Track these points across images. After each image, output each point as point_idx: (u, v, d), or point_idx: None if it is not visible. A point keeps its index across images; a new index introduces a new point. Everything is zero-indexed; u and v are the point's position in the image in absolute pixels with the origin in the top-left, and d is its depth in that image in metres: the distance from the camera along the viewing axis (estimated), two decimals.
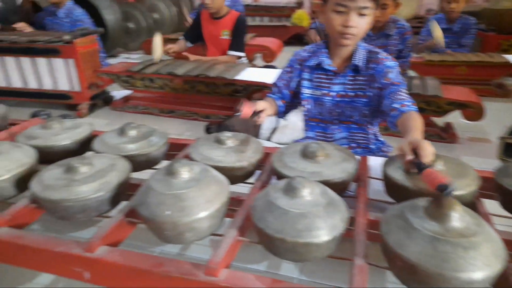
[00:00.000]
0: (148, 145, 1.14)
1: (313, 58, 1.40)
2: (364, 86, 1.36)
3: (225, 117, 2.37)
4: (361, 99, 1.38)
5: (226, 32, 2.57)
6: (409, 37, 2.32)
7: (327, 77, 1.40)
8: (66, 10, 2.83)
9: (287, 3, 5.42)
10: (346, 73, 1.36)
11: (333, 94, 1.40)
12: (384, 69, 1.30)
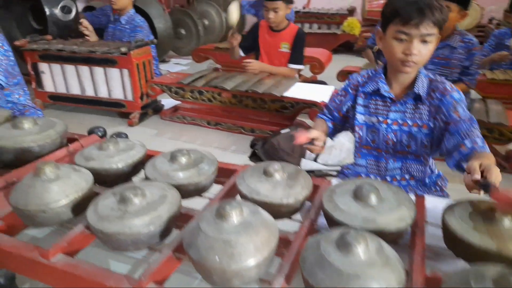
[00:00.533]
0: (198, 174, 1.14)
1: (370, 84, 1.35)
2: (425, 116, 1.29)
3: (270, 132, 2.36)
4: (421, 130, 1.31)
5: (286, 45, 2.59)
6: (477, 53, 2.20)
7: (384, 104, 1.34)
8: (128, 18, 2.96)
9: (338, 10, 5.31)
10: (406, 101, 1.30)
11: (390, 122, 1.34)
12: (452, 102, 1.21)
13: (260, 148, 2.12)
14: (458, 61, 2.22)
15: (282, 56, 2.63)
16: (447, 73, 2.26)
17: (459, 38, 2.19)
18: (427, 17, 1.13)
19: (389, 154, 1.38)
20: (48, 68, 2.73)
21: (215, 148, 2.29)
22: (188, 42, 4.69)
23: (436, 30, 1.16)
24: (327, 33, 5.05)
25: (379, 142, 1.38)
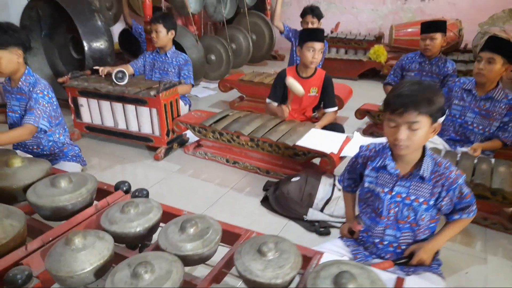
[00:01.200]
0: (203, 246, 1.31)
1: (378, 159, 1.51)
2: (427, 195, 1.43)
3: (283, 175, 2.50)
4: (422, 205, 1.44)
5: (315, 89, 2.77)
6: None
7: (391, 178, 1.49)
8: (172, 53, 3.30)
9: (366, 36, 5.35)
10: (411, 179, 1.44)
11: (394, 193, 1.48)
12: (457, 189, 1.41)
13: (272, 194, 2.27)
14: (498, 114, 2.32)
15: (311, 100, 2.81)
16: (486, 124, 2.36)
17: (503, 94, 2.30)
18: (410, 108, 1.27)
19: (390, 220, 1.51)
20: (86, 102, 3.01)
21: (231, 189, 2.46)
22: (218, 66, 4.90)
23: (424, 118, 1.29)
24: (353, 59, 5.11)
25: (382, 210, 1.51)
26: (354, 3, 6.23)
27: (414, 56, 3.14)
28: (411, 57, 3.16)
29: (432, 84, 1.41)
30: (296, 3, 6.65)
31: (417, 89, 1.32)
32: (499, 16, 5.35)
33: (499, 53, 2.18)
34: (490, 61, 2.19)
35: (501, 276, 1.75)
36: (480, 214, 2.07)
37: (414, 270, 1.51)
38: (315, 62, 2.59)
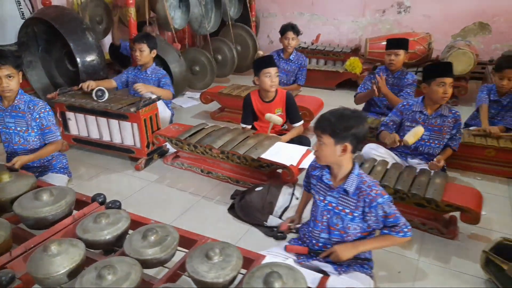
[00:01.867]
0: (161, 251, 1.56)
1: (318, 171, 1.82)
2: (352, 207, 1.70)
3: (251, 184, 2.75)
4: (347, 215, 1.71)
5: (279, 110, 3.06)
6: (461, 123, 2.64)
7: (325, 188, 1.77)
8: (152, 70, 3.57)
9: (343, 48, 5.62)
10: (339, 191, 1.72)
11: (327, 202, 1.76)
12: (377, 207, 1.65)
13: (237, 203, 2.52)
14: (448, 128, 2.62)
15: None
16: (440, 138, 2.66)
17: (447, 109, 2.60)
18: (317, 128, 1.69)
19: (324, 225, 1.79)
20: (74, 116, 3.26)
21: (203, 197, 2.71)
22: (203, 77, 5.16)
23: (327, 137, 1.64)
24: (331, 70, 5.38)
25: (317, 215, 1.79)
26: (336, 14, 6.49)
27: (379, 70, 3.41)
28: (377, 71, 3.43)
29: (350, 115, 1.62)
30: (281, 14, 6.90)
31: (329, 114, 1.64)
32: (470, 29, 5.63)
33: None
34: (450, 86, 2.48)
35: (429, 275, 2.00)
36: (419, 220, 2.35)
37: (345, 270, 1.76)
38: (274, 85, 2.85)
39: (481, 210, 2.14)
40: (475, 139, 2.94)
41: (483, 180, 2.90)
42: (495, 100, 3.15)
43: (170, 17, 4.45)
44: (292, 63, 4.09)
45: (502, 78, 3.02)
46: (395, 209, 1.66)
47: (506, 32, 5.46)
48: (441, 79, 2.45)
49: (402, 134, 2.69)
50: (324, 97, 4.82)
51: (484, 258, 1.90)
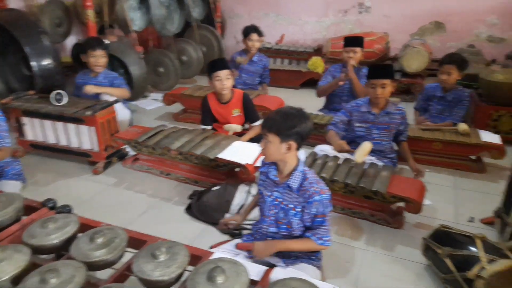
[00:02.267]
0: (108, 253, 1.58)
1: (265, 168, 1.88)
2: (295, 203, 1.77)
3: (210, 184, 2.79)
4: (291, 210, 1.78)
5: (237, 110, 3.09)
6: (407, 118, 2.81)
7: (272, 184, 1.84)
8: (104, 74, 3.48)
9: (306, 48, 5.74)
10: (284, 187, 1.79)
11: (273, 197, 1.83)
12: (313, 203, 1.72)
13: (194, 203, 2.56)
14: (396, 124, 2.74)
15: (237, 119, 3.14)
16: (389, 135, 2.77)
17: (393, 106, 2.71)
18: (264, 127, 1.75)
19: (271, 220, 1.86)
20: (29, 121, 3.20)
21: (161, 199, 2.73)
22: (167, 78, 5.16)
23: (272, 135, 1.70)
24: (294, 70, 5.49)
25: (265, 210, 1.86)
26: (300, 15, 6.61)
27: (338, 67, 3.55)
28: (336, 67, 3.56)
29: (295, 113, 1.69)
30: (247, 15, 6.96)
31: (275, 114, 1.70)
32: (427, 28, 5.87)
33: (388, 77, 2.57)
34: (383, 87, 2.57)
35: (375, 264, 2.11)
36: (368, 211, 2.46)
37: (293, 262, 1.84)
38: (225, 88, 2.89)
39: (422, 200, 2.26)
40: (424, 133, 3.09)
41: (431, 171, 3.05)
42: (441, 96, 3.31)
43: (129, 18, 4.43)
44: (256, 64, 4.16)
45: (442, 73, 3.17)
46: (328, 212, 1.74)
47: (460, 30, 5.71)
48: (371, 81, 2.59)
49: (352, 134, 2.80)
50: (288, 96, 4.94)
51: (424, 244, 2.02)
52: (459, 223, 2.43)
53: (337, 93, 3.57)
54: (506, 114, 3.45)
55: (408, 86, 4.72)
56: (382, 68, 2.67)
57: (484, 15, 5.52)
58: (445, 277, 1.83)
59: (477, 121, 3.53)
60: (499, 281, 1.62)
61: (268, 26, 6.79)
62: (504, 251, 1.74)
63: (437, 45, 5.83)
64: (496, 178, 2.93)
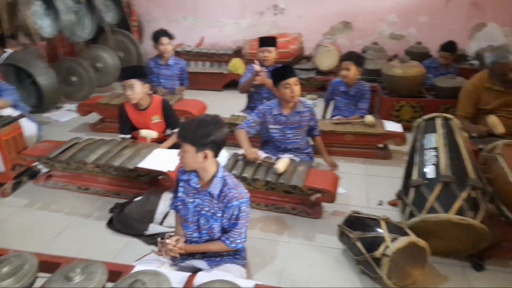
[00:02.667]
0: (16, 282, 1.47)
1: (186, 175, 1.87)
2: (216, 208, 1.80)
3: (133, 194, 2.71)
4: (213, 217, 1.81)
5: (157, 117, 3.02)
6: (315, 113, 2.96)
7: (194, 190, 1.84)
8: None
9: (226, 50, 5.81)
10: (205, 194, 1.81)
11: (196, 204, 1.83)
12: (231, 208, 1.76)
13: (116, 216, 2.47)
14: (306, 122, 2.87)
15: (157, 126, 3.07)
16: (302, 133, 2.88)
17: (301, 105, 2.83)
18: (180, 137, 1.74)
19: (195, 226, 1.87)
20: None
21: (80, 216, 2.60)
22: (81, 87, 4.89)
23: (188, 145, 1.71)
24: (216, 72, 5.53)
25: (188, 217, 1.87)
26: (218, 17, 6.65)
27: (252, 67, 3.64)
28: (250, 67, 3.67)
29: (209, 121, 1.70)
30: (165, 18, 6.83)
31: (189, 123, 1.71)
32: (337, 27, 6.27)
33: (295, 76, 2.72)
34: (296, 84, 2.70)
35: (298, 255, 2.23)
36: (290, 205, 2.58)
37: (217, 263, 1.87)
38: (132, 97, 2.83)
39: (336, 190, 2.44)
40: (336, 127, 3.32)
41: (345, 162, 3.29)
42: (344, 91, 3.57)
43: (36, 26, 4.11)
44: (172, 67, 4.11)
45: (342, 69, 3.44)
46: (245, 216, 1.79)
47: (365, 29, 6.19)
48: (285, 81, 2.66)
49: (267, 135, 2.92)
50: (211, 99, 4.96)
51: (339, 231, 2.18)
52: (370, 207, 2.66)
53: (257, 91, 3.69)
54: (406, 104, 3.84)
55: (323, 83, 5.01)
56: (288, 68, 2.79)
57: (385, 14, 6.05)
58: (358, 258, 2.00)
59: (382, 112, 3.88)
60: (402, 256, 1.81)
61: (187, 29, 6.74)
62: (405, 229, 1.94)
63: (346, 43, 6.25)
64: (400, 163, 3.23)
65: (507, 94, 2.89)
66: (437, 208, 1.96)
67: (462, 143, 2.31)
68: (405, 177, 2.34)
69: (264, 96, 3.65)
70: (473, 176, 2.08)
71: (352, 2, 6.10)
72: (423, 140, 2.38)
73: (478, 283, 1.98)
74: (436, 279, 1.99)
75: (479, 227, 1.89)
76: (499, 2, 5.62)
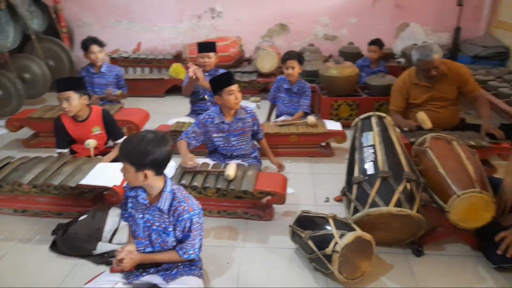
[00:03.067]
0: None
1: (133, 191, 1.82)
2: (167, 223, 1.78)
3: (76, 213, 2.58)
4: (164, 231, 1.80)
5: (97, 128, 2.91)
6: (258, 118, 2.99)
7: (143, 206, 1.81)
8: None
9: (166, 55, 5.70)
10: (154, 209, 1.78)
11: (145, 219, 1.80)
12: (183, 221, 1.75)
13: (60, 238, 2.34)
14: (249, 127, 2.90)
15: (98, 138, 2.94)
16: (246, 139, 2.91)
17: (244, 111, 2.85)
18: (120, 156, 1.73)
19: (146, 241, 1.84)
20: None
21: (19, 241, 2.42)
22: (8, 101, 4.54)
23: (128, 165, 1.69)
24: (156, 78, 5.41)
25: (139, 232, 1.83)
26: (154, 21, 6.49)
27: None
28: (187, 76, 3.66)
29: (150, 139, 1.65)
30: (97, 23, 6.52)
31: (129, 141, 1.68)
32: (274, 30, 6.42)
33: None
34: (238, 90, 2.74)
35: (253, 258, 2.27)
36: (242, 210, 2.62)
37: (173, 276, 1.85)
38: (68, 110, 2.72)
39: (285, 191, 2.52)
40: (280, 129, 3.42)
41: (291, 162, 3.40)
42: (288, 88, 3.74)
43: None
44: (106, 75, 3.96)
45: (287, 68, 3.61)
46: (198, 227, 1.80)
47: (302, 31, 6.41)
48: (229, 88, 2.67)
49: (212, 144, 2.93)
50: (154, 106, 4.86)
51: (290, 231, 2.26)
52: (318, 204, 2.79)
53: (199, 92, 3.72)
54: (343, 103, 4.05)
55: (265, 85, 5.11)
56: (230, 74, 2.80)
57: (318, 16, 6.31)
58: (310, 257, 2.08)
59: (323, 112, 4.07)
60: (350, 251, 1.92)
61: (122, 34, 6.51)
62: (351, 224, 2.07)
63: (284, 45, 6.43)
64: (342, 160, 3.42)
65: (433, 89, 3.18)
66: (378, 202, 2.11)
67: (396, 139, 2.51)
68: (348, 174, 2.48)
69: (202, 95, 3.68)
70: (407, 170, 2.26)
71: (287, 4, 6.28)
72: (361, 139, 2.54)
73: (419, 268, 2.16)
74: (382, 268, 2.14)
75: (416, 217, 2.07)
76: (419, 3, 6.13)
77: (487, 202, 2.00)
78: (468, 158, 2.28)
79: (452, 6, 5.59)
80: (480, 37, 5.86)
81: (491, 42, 5.57)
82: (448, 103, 3.21)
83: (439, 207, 2.19)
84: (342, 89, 4.05)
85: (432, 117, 3.11)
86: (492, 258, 2.10)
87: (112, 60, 5.51)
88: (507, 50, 5.36)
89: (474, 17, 6.10)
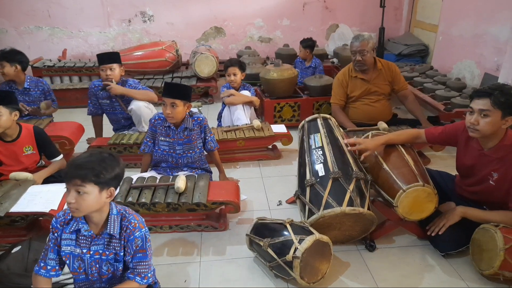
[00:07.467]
0: None
1: (72, 224, 1.62)
2: (117, 248, 1.63)
3: (8, 245, 2.30)
4: (117, 258, 1.64)
5: (29, 148, 2.64)
6: (206, 125, 2.83)
7: (86, 239, 1.62)
8: None
9: (95, 62, 5.33)
10: (103, 238, 1.61)
11: (92, 253, 1.63)
12: (134, 240, 1.61)
13: None
14: (197, 135, 2.78)
15: (29, 158, 2.67)
16: (193, 147, 2.77)
17: (190, 119, 2.73)
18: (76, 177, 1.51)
19: (94, 278, 1.68)
20: None
21: None
22: None
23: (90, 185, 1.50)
24: (87, 87, 4.99)
25: (86, 268, 1.65)
26: (80, 26, 6.09)
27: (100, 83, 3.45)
28: (97, 84, 3.48)
29: (109, 157, 1.55)
30: (14, 30, 5.95)
31: (88, 160, 1.51)
32: (209, 33, 6.35)
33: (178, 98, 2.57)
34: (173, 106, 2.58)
35: (211, 272, 2.20)
36: (195, 222, 2.53)
37: None
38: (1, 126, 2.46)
39: (239, 199, 2.47)
40: (227, 134, 3.37)
41: (241, 167, 3.37)
42: None
43: None
44: (32, 91, 3.55)
45: (229, 75, 3.65)
46: (150, 246, 1.67)
47: (236, 33, 6.43)
48: (164, 98, 2.57)
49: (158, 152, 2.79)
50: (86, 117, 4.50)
51: (248, 240, 2.22)
52: (272, 208, 2.78)
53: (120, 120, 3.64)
54: (286, 105, 4.11)
55: (205, 89, 5.02)
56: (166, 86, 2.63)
57: (252, 19, 6.37)
58: (271, 264, 2.06)
59: (266, 114, 4.09)
60: (310, 255, 1.94)
61: (44, 41, 6.05)
62: (308, 227, 2.09)
63: (220, 48, 6.41)
64: (290, 160, 3.48)
65: (369, 83, 3.40)
66: (331, 203, 2.15)
67: (341, 139, 2.59)
68: (300, 177, 2.51)
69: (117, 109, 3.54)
70: (355, 168, 2.34)
71: (220, 7, 6.26)
72: (309, 141, 2.58)
73: (373, 262, 2.24)
74: (340, 267, 2.19)
75: (368, 214, 2.15)
76: (346, 5, 6.45)
77: (429, 194, 2.14)
78: (408, 153, 2.42)
79: (375, 8, 5.98)
80: (401, 36, 6.33)
81: (412, 40, 6.03)
82: (383, 97, 3.46)
83: (387, 202, 2.30)
84: (283, 91, 4.10)
85: (368, 111, 3.35)
86: (440, 247, 2.26)
87: (34, 69, 5.05)
88: (427, 48, 5.85)
89: (395, 17, 6.59)
